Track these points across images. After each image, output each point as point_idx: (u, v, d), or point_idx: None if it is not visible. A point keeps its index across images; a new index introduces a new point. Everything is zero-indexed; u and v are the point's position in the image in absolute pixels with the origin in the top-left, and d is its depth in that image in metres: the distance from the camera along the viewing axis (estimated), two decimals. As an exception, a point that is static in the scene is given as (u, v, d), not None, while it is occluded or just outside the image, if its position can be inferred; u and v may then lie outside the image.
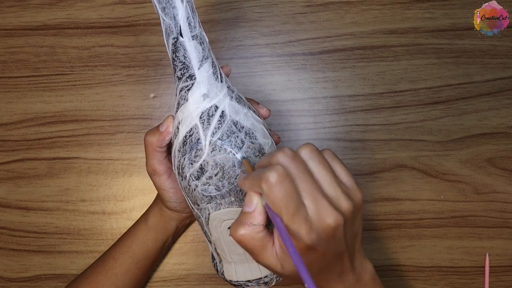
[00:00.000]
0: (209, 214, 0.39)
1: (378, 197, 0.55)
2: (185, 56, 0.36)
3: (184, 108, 0.38)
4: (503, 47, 0.56)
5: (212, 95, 0.37)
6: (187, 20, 0.35)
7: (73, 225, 0.55)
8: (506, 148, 0.55)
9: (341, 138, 0.56)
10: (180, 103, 0.38)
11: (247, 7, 0.57)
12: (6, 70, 0.58)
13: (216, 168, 0.37)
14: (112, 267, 0.48)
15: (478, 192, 0.54)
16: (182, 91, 0.37)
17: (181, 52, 0.36)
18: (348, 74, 0.56)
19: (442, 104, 0.56)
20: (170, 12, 0.35)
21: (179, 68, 0.37)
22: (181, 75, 0.37)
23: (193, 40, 0.36)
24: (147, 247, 0.49)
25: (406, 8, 0.57)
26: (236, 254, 0.40)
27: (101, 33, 0.58)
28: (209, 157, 0.37)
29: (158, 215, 0.49)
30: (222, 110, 0.37)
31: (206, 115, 0.37)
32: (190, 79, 0.37)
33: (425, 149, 0.55)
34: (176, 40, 0.36)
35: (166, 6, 0.35)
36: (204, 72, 0.37)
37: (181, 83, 0.37)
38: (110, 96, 0.57)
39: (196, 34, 0.36)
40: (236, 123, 0.37)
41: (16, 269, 0.55)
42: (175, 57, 0.37)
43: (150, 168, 0.44)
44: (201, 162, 0.37)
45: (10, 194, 0.56)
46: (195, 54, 0.36)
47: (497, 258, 0.54)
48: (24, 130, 0.57)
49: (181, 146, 0.38)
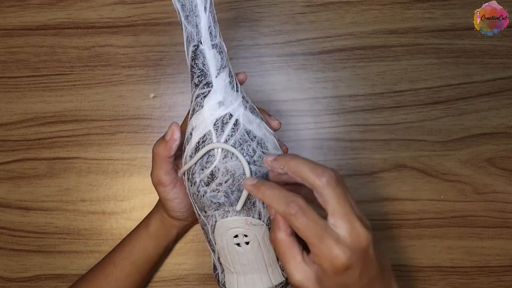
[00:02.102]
0: (215, 221, 0.39)
1: (378, 197, 0.55)
2: (204, 63, 0.37)
3: (198, 115, 0.38)
4: (503, 47, 0.56)
5: (227, 103, 0.38)
6: (208, 29, 0.36)
7: (73, 225, 0.55)
8: (506, 148, 0.55)
9: (341, 138, 0.56)
10: (195, 109, 0.38)
11: (247, 7, 0.57)
12: (6, 70, 0.58)
13: (226, 175, 0.37)
14: (112, 272, 0.48)
15: (478, 192, 0.54)
16: (198, 97, 0.38)
17: (200, 59, 0.37)
18: (348, 74, 0.56)
19: (442, 104, 0.56)
20: (193, 20, 0.36)
21: (197, 75, 0.38)
22: (198, 82, 0.38)
23: (213, 49, 0.37)
24: (148, 253, 0.49)
25: (406, 8, 0.57)
26: (239, 265, 0.40)
27: (101, 33, 0.58)
28: (220, 164, 0.37)
29: (159, 222, 0.49)
30: (236, 119, 0.38)
31: (220, 123, 0.37)
32: (207, 86, 0.38)
33: (425, 149, 0.55)
34: (197, 47, 0.37)
35: (190, 14, 0.36)
36: (221, 80, 0.38)
37: (197, 90, 0.38)
38: (110, 96, 0.57)
39: (216, 43, 0.37)
40: (249, 132, 0.38)
41: (16, 269, 0.55)
42: (194, 64, 0.38)
43: (156, 178, 0.44)
44: (212, 168, 0.37)
45: (10, 194, 0.56)
46: (214, 62, 0.37)
47: (497, 258, 0.54)
48: (24, 130, 0.57)
49: (193, 151, 0.38)
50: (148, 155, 0.56)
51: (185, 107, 0.57)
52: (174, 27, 0.57)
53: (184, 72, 0.57)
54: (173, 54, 0.57)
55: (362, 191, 0.55)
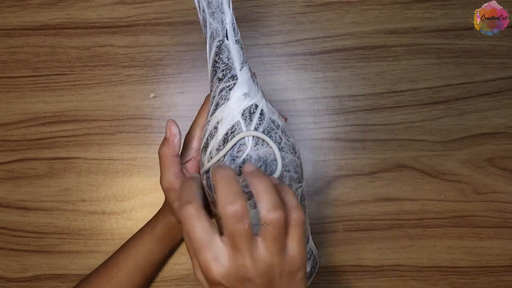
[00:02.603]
0: None
1: (378, 197, 0.55)
2: (229, 57, 0.38)
3: (224, 107, 0.39)
4: (503, 47, 0.56)
5: (252, 94, 0.39)
6: (232, 25, 0.38)
7: (73, 225, 0.55)
8: (506, 148, 0.55)
9: (341, 138, 0.56)
10: (219, 103, 0.39)
11: (247, 7, 0.57)
12: (6, 70, 0.58)
13: (259, 161, 0.38)
14: (116, 275, 0.47)
15: (478, 192, 0.54)
16: (223, 91, 0.39)
17: (225, 54, 0.38)
18: (348, 74, 0.56)
19: (442, 104, 0.56)
20: (218, 17, 0.38)
21: (221, 70, 0.39)
22: (222, 75, 0.39)
23: (236, 44, 0.38)
24: (153, 257, 0.49)
25: (406, 8, 0.57)
26: None
27: (101, 33, 0.58)
28: (252, 151, 0.38)
29: (166, 227, 0.48)
30: (262, 109, 0.39)
31: (248, 113, 0.38)
32: (232, 79, 0.39)
33: (425, 149, 0.55)
34: (222, 42, 0.38)
35: (216, 11, 0.38)
36: (245, 73, 0.39)
37: (221, 84, 0.39)
38: (110, 96, 0.57)
39: (238, 39, 0.39)
40: (274, 121, 0.39)
41: (16, 269, 0.55)
42: (218, 59, 0.39)
43: (166, 183, 0.42)
44: (244, 156, 0.38)
45: (10, 194, 0.56)
46: (238, 57, 0.39)
47: (497, 258, 0.54)
48: (24, 130, 0.57)
49: (220, 144, 0.38)
50: (148, 155, 0.56)
51: (185, 107, 0.57)
52: (174, 27, 0.57)
53: (184, 72, 0.57)
54: (173, 54, 0.57)
55: (362, 191, 0.55)
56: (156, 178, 0.55)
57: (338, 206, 0.55)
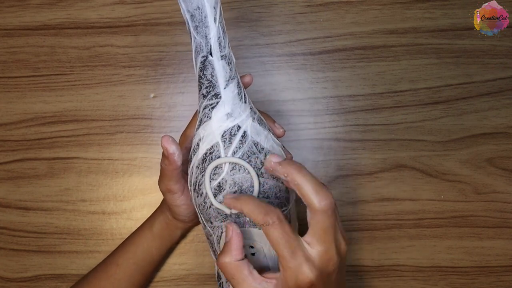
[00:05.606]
0: (221, 232, 0.39)
1: (378, 197, 0.55)
2: (213, 74, 0.36)
3: (206, 126, 0.37)
4: (503, 47, 0.56)
5: (235, 114, 0.37)
6: (217, 40, 0.36)
7: (73, 225, 0.55)
8: (506, 148, 0.55)
9: (341, 138, 0.56)
10: (202, 120, 0.38)
11: (247, 7, 0.57)
12: (6, 70, 0.58)
13: (234, 187, 0.37)
14: (115, 273, 0.47)
15: (478, 192, 0.54)
16: (206, 108, 0.37)
17: (209, 70, 0.36)
18: (348, 74, 0.56)
19: (442, 104, 0.56)
20: (202, 31, 0.35)
21: (205, 86, 0.37)
22: (206, 93, 0.37)
23: (222, 60, 0.36)
24: (152, 254, 0.49)
25: (406, 8, 0.57)
26: None
27: (101, 33, 0.58)
28: (228, 176, 0.37)
29: (164, 224, 0.48)
30: (244, 130, 0.37)
31: (228, 134, 0.37)
32: (215, 98, 0.37)
33: (425, 149, 0.55)
34: (205, 58, 0.36)
35: (199, 25, 0.35)
36: (230, 92, 0.37)
37: (205, 101, 0.37)
38: (110, 96, 0.57)
39: (225, 54, 0.36)
40: (257, 144, 0.37)
41: (16, 269, 0.55)
42: (202, 75, 0.37)
43: (165, 187, 0.43)
44: (220, 180, 0.37)
45: (10, 194, 0.56)
46: (223, 74, 0.36)
47: (497, 258, 0.54)
48: (24, 130, 0.57)
49: (200, 163, 0.38)
50: (148, 155, 0.56)
51: (185, 107, 0.57)
52: (174, 27, 0.57)
53: (184, 72, 0.57)
54: (173, 54, 0.57)
55: (362, 191, 0.55)
56: (156, 178, 0.55)
57: (338, 206, 0.55)
